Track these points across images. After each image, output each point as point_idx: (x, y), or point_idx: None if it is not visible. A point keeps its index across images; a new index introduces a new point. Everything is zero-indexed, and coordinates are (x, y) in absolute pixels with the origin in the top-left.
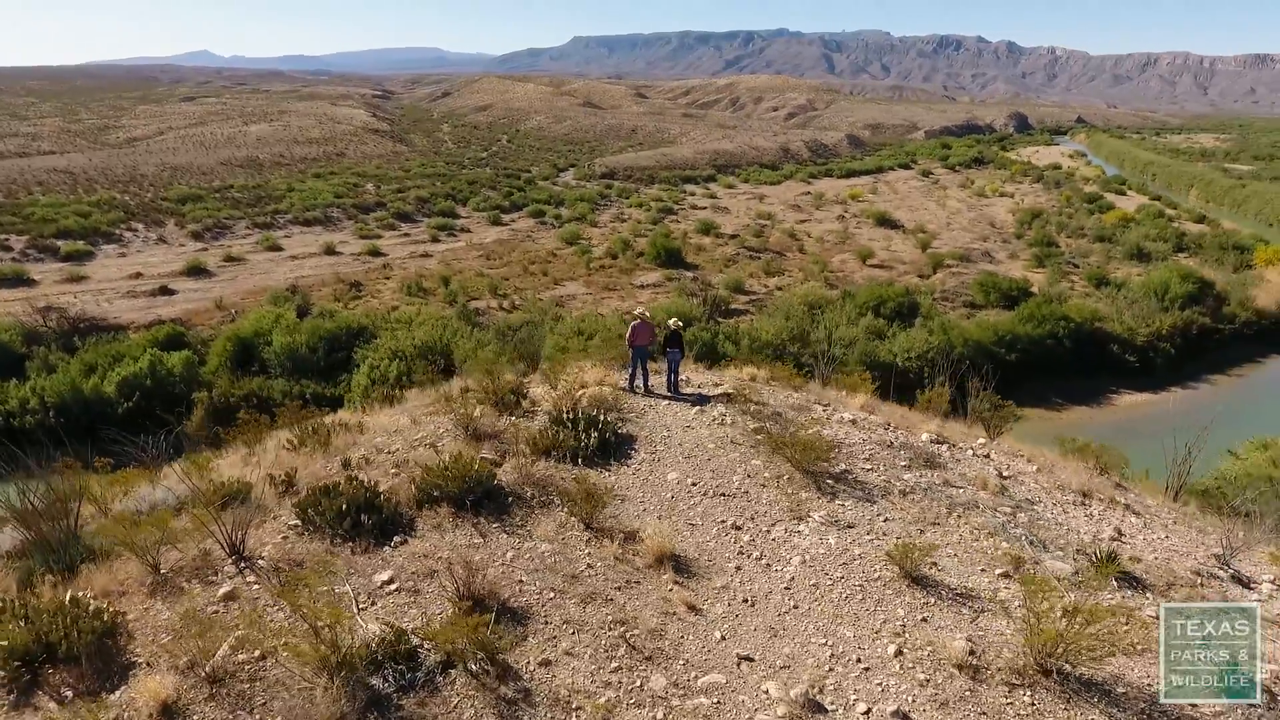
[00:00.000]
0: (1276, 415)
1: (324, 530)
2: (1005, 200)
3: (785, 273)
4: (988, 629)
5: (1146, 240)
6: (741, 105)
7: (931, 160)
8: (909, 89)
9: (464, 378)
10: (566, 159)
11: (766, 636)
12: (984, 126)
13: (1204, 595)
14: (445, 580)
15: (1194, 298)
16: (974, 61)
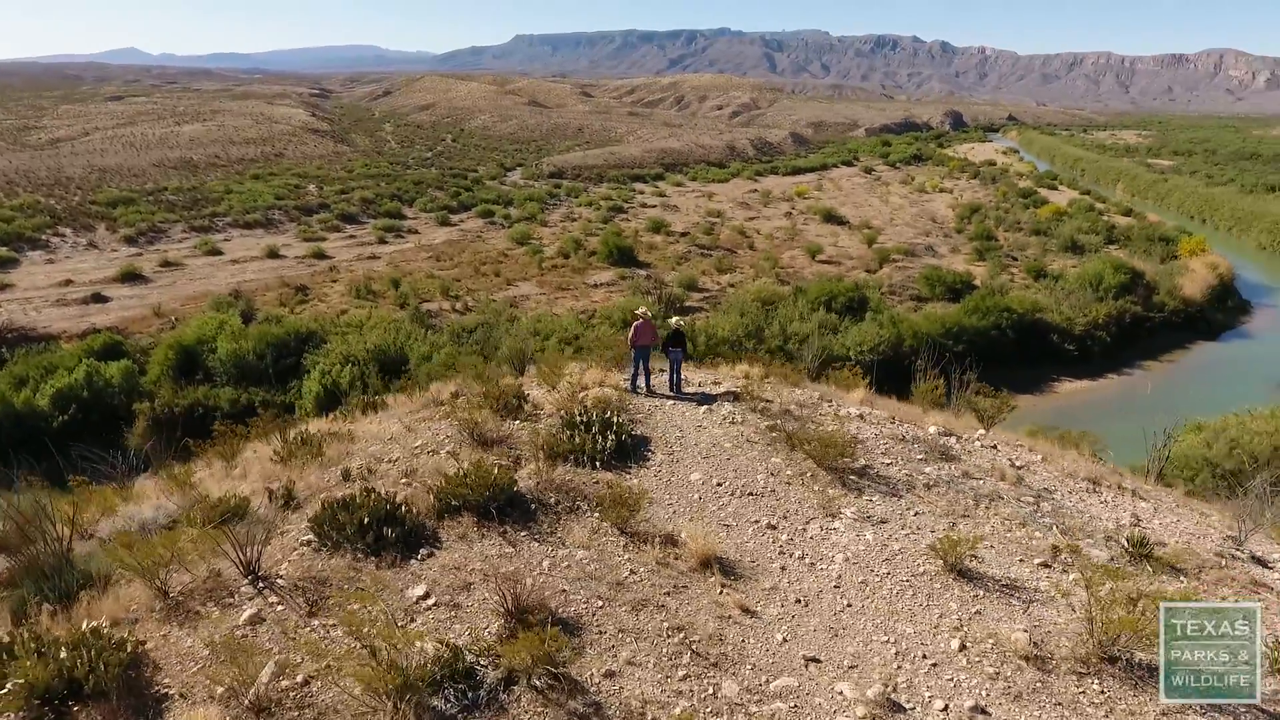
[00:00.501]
0: (1205, 398)
1: (343, 545)
2: (945, 196)
3: (737, 269)
4: (1042, 619)
5: (1079, 233)
6: (686, 104)
7: (873, 157)
8: (848, 88)
9: (449, 382)
10: (513, 158)
11: (827, 636)
12: (921, 124)
13: (1232, 577)
14: (485, 593)
15: (1126, 288)
16: (910, 61)
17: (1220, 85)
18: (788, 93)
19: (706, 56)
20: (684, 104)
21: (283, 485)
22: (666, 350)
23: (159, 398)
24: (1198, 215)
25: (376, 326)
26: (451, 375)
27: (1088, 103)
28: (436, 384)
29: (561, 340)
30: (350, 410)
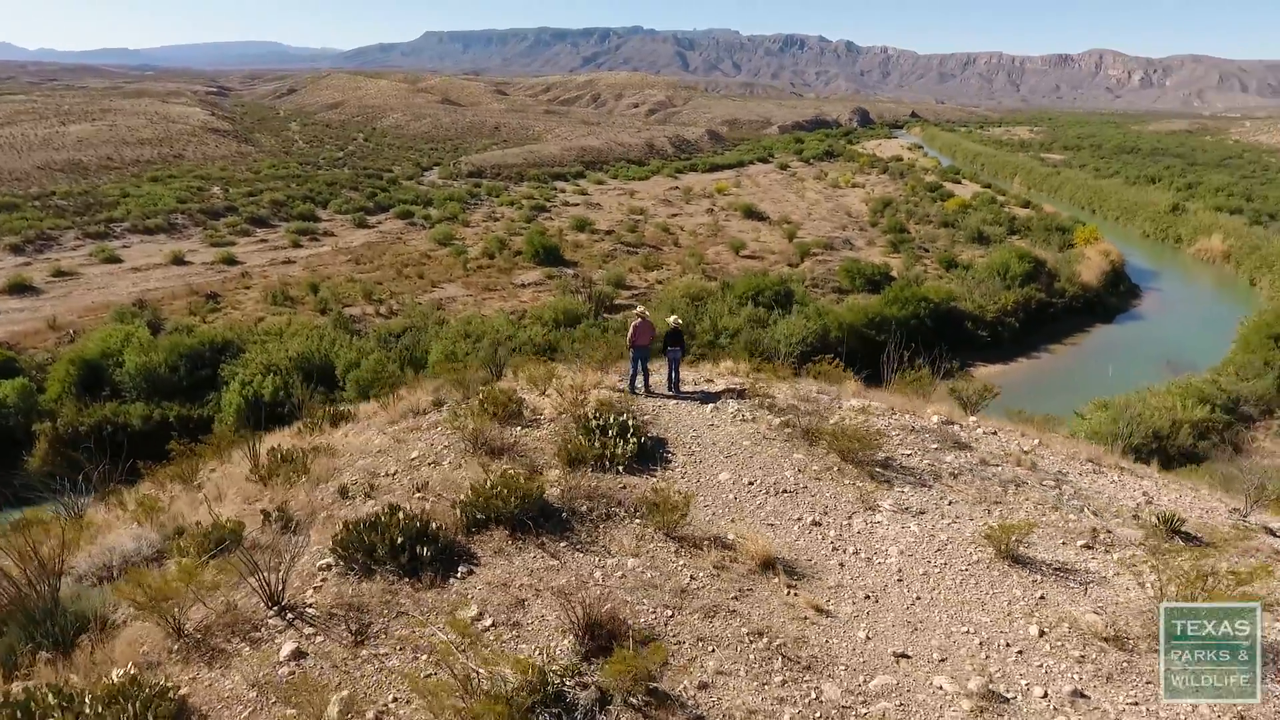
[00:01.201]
0: (1104, 377)
1: (373, 568)
2: (858, 191)
3: (664, 266)
4: (1104, 599)
5: (984, 225)
6: (603, 102)
7: (787, 154)
8: (759, 86)
9: (416, 390)
10: (429, 157)
11: (907, 631)
12: (831, 121)
13: (1256, 548)
14: (544, 609)
15: (1030, 276)
16: (817, 60)
17: (1101, 84)
18: (702, 91)
19: (620, 54)
20: (600, 102)
21: (276, 506)
22: (665, 350)
23: (61, 417)
24: (1088, 206)
25: (298, 334)
26: (419, 382)
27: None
28: (406, 390)
29: (494, 342)
30: (317, 422)
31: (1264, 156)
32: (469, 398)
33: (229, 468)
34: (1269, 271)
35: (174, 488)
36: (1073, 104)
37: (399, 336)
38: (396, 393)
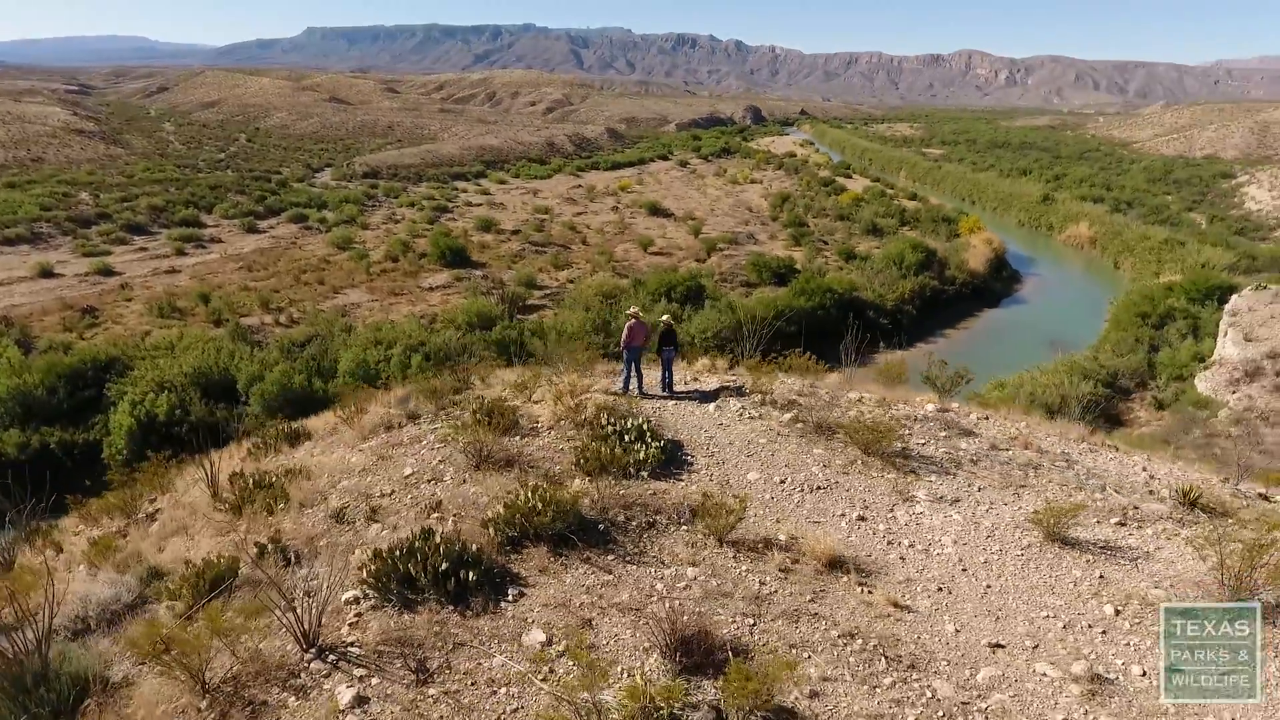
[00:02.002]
0: (997, 358)
1: (410, 598)
2: (756, 186)
3: (573, 265)
4: (1159, 574)
5: (878, 217)
6: (499, 100)
7: (686, 151)
8: (654, 84)
9: (372, 400)
10: (320, 158)
11: (990, 620)
12: (726, 119)
13: (1266, 516)
14: (616, 627)
15: (924, 265)
16: (708, 59)
17: (970, 82)
18: (598, 89)
19: (514, 52)
20: (496, 100)
21: (268, 538)
22: (659, 350)
23: None
24: (968, 197)
25: (192, 347)
26: (372, 391)
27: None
28: (360, 404)
29: (408, 348)
30: (273, 441)
31: (1118, 150)
32: (447, 408)
33: (177, 497)
34: (1130, 255)
35: (115, 522)
36: (946, 101)
37: (304, 346)
38: (360, 406)
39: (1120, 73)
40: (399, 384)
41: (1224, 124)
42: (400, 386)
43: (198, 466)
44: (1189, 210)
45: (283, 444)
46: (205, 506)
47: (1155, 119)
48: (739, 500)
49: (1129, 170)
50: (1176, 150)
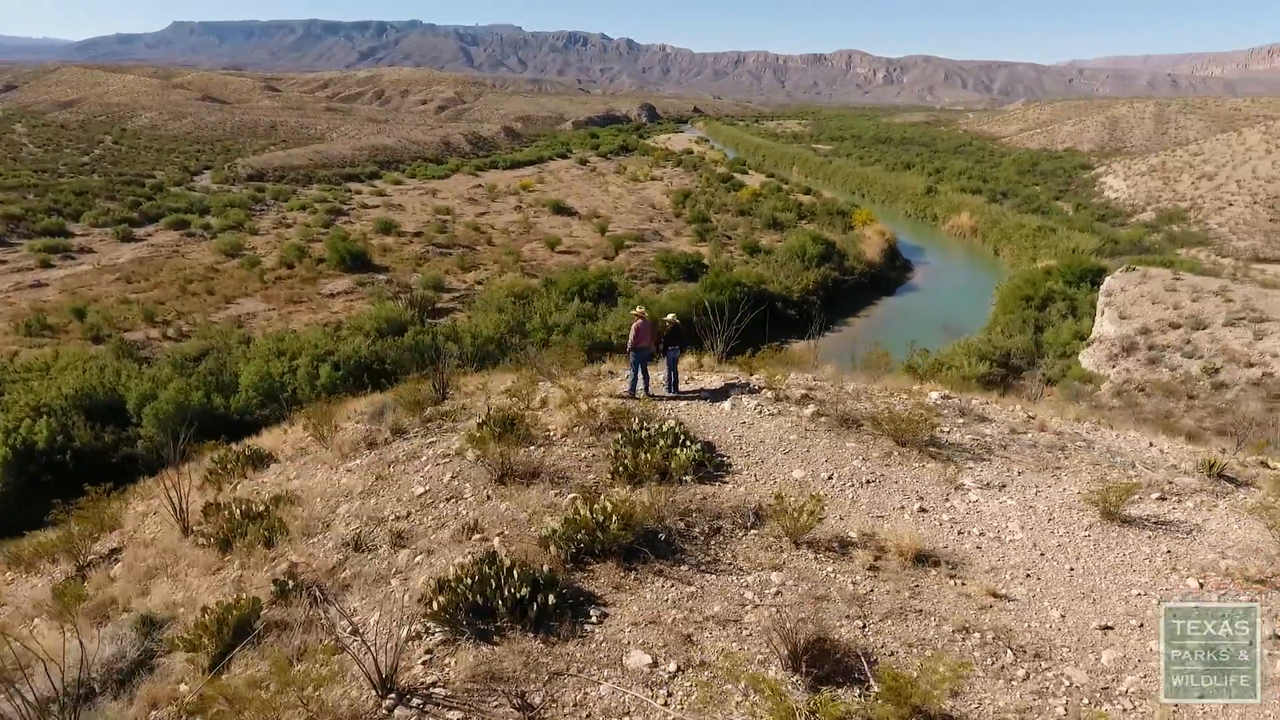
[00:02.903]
0: (899, 344)
1: (484, 628)
2: (657, 184)
3: (481, 266)
4: (1219, 545)
5: (777, 211)
6: (388, 99)
7: (585, 150)
8: (548, 82)
9: (333, 412)
10: (197, 160)
11: (1088, 603)
12: (622, 117)
13: None
14: (723, 642)
15: (824, 256)
16: (600, 57)
17: (851, 81)
18: (491, 87)
19: (400, 49)
20: (386, 99)
21: (284, 573)
22: (664, 350)
23: None
24: (857, 191)
25: (71, 367)
26: (328, 407)
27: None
28: (304, 421)
29: (315, 358)
30: (235, 466)
31: (988, 144)
32: (434, 420)
33: (132, 533)
34: (1008, 242)
35: (61, 566)
36: (829, 99)
37: (198, 360)
38: (331, 423)
39: (985, 72)
40: (308, 395)
41: (1080, 119)
42: (357, 399)
43: (142, 499)
44: (1056, 199)
45: (246, 468)
46: (178, 542)
47: (1019, 115)
48: (814, 500)
49: (1000, 163)
50: (1040, 144)
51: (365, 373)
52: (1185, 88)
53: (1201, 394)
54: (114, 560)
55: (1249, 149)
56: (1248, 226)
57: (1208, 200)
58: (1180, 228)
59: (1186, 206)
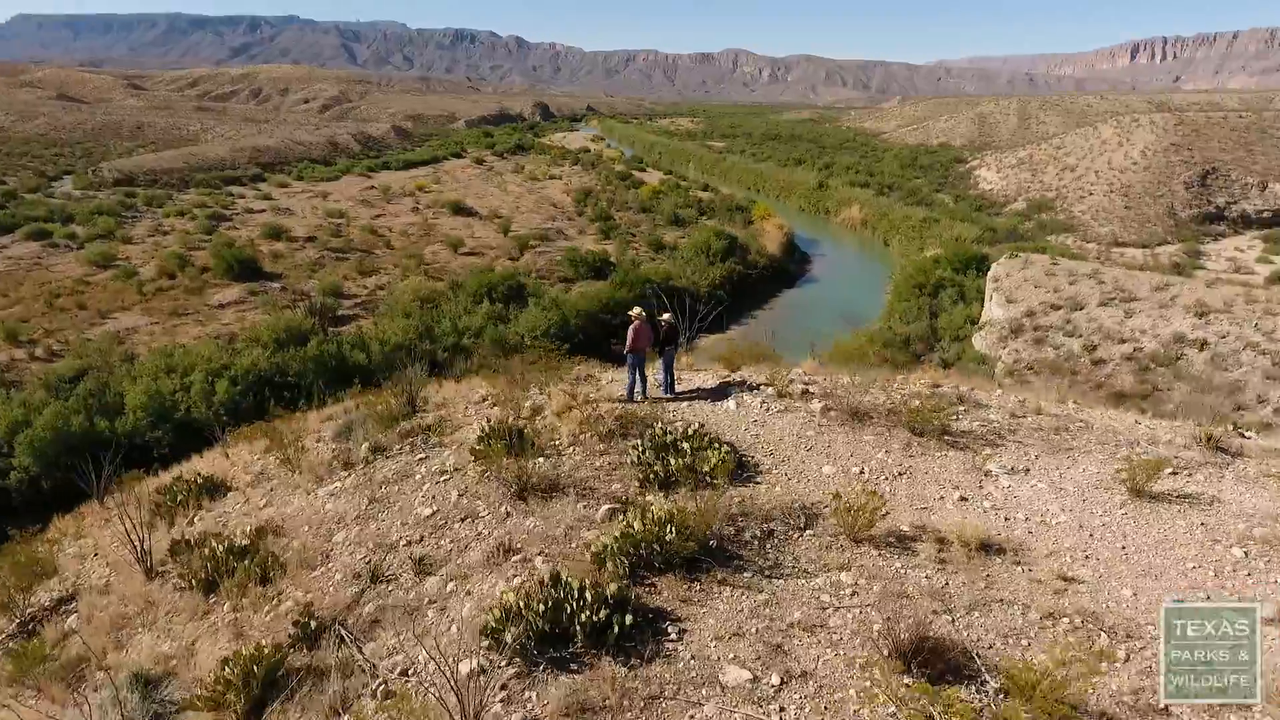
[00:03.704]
0: (804, 334)
1: (558, 657)
2: (557, 182)
3: (381, 270)
4: (1242, 514)
5: (678, 208)
6: (266, 97)
7: (480, 149)
8: (436, 80)
9: (257, 438)
10: (56, 164)
11: (1150, 578)
12: (515, 115)
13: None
14: (814, 650)
15: (728, 251)
16: (490, 54)
17: (738, 79)
18: (378, 86)
19: (276, 46)
20: (264, 97)
21: (302, 614)
22: (661, 350)
23: None
24: (752, 187)
25: None
26: (271, 425)
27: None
28: (248, 441)
29: (209, 373)
30: (187, 499)
31: (871, 140)
32: (414, 435)
33: (77, 580)
34: (897, 233)
35: None
36: (718, 97)
37: (75, 381)
38: (298, 444)
39: (863, 71)
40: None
41: (952, 115)
42: (304, 415)
43: (73, 539)
44: (937, 191)
45: (201, 498)
46: (144, 586)
47: (896, 112)
48: (875, 496)
49: (883, 158)
50: (918, 139)
51: (268, 387)
52: (1041, 86)
53: (1083, 370)
54: (64, 612)
55: (1104, 142)
56: (1106, 213)
57: (1071, 190)
58: (1049, 216)
59: (1053, 196)
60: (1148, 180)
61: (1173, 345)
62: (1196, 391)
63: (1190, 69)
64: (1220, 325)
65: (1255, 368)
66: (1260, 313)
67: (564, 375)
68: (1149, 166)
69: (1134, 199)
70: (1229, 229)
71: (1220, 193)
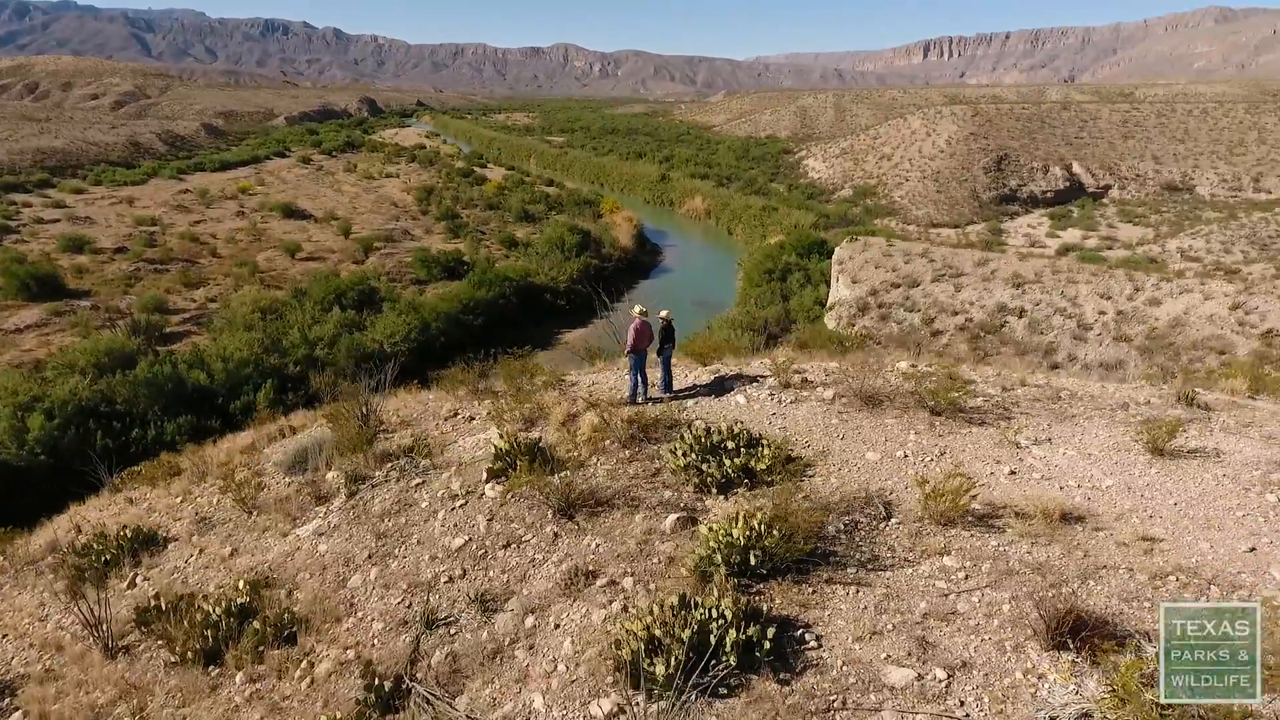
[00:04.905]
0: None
1: (701, 682)
2: (394, 181)
3: (210, 281)
4: (1253, 462)
5: (526, 204)
6: (44, 92)
7: (306, 147)
8: (246, 74)
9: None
10: None
11: (1215, 530)
12: (341, 111)
13: (1245, 406)
14: (957, 640)
15: (583, 245)
16: (306, 47)
17: (570, 74)
18: (179, 80)
19: (52, 35)
20: (41, 93)
21: (369, 678)
22: (659, 349)
23: None
24: (596, 180)
25: None
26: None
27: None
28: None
29: (17, 407)
30: (119, 556)
31: (704, 133)
32: (397, 458)
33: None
34: (739, 222)
35: None
36: (550, 91)
37: None
38: (254, 480)
39: (690, 66)
40: (11, 450)
41: (776, 109)
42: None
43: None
44: (771, 181)
45: (139, 553)
46: (108, 666)
47: (725, 106)
48: (965, 478)
49: (718, 150)
50: (746, 132)
51: (92, 419)
52: (849, 80)
53: (925, 341)
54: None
55: (914, 132)
56: (921, 198)
57: (890, 177)
58: (873, 201)
59: (875, 183)
60: (954, 166)
61: (997, 314)
62: (1019, 354)
63: (973, 65)
64: (1034, 294)
65: (1064, 330)
66: (1064, 281)
67: (538, 381)
68: (954, 154)
69: (943, 184)
70: (1021, 208)
71: (1012, 176)
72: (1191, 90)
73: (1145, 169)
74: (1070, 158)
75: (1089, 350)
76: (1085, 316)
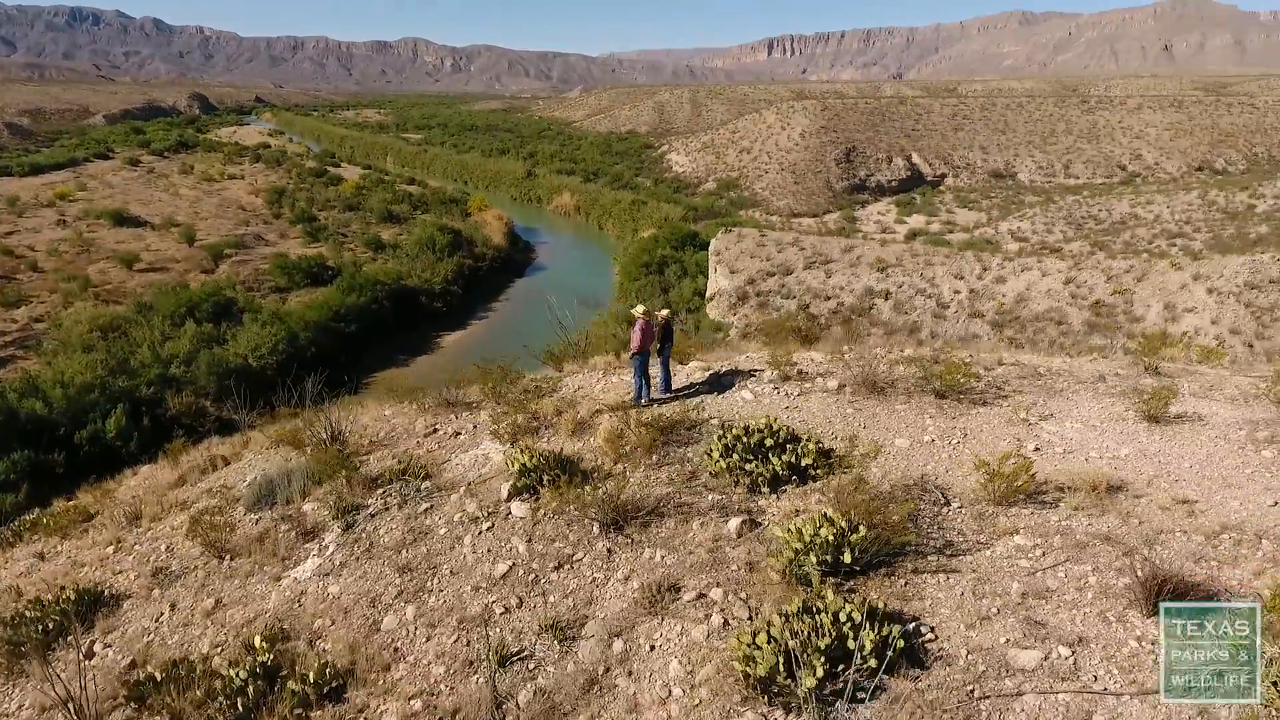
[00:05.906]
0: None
1: (826, 694)
2: (239, 182)
3: (33, 299)
4: (1239, 421)
5: (389, 205)
6: None
7: (132, 148)
8: (52, 68)
9: None
10: None
11: (1235, 489)
12: (169, 109)
13: (1198, 372)
14: (1065, 615)
15: (454, 245)
16: (122, 38)
17: (420, 69)
18: None
19: None
20: None
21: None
22: (659, 349)
23: None
24: (459, 178)
25: None
26: None
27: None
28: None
29: None
30: (66, 624)
31: (565, 128)
32: (388, 485)
33: None
34: (609, 217)
35: None
36: (400, 87)
37: None
38: (225, 522)
39: (544, 62)
40: None
41: (634, 105)
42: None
43: None
44: (636, 175)
45: (92, 616)
46: None
47: (583, 102)
48: (1025, 459)
49: (581, 145)
50: (607, 127)
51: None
52: (700, 76)
53: (801, 326)
54: None
55: (769, 126)
56: (781, 189)
57: (750, 170)
58: (737, 194)
59: (737, 176)
60: (809, 159)
61: (865, 297)
62: (887, 334)
63: (813, 63)
64: (897, 277)
65: (926, 309)
66: (923, 264)
67: (518, 387)
68: (808, 147)
69: (800, 175)
70: (870, 196)
71: (861, 166)
72: (1005, 86)
73: (974, 158)
74: (910, 149)
75: (948, 326)
76: (943, 296)
